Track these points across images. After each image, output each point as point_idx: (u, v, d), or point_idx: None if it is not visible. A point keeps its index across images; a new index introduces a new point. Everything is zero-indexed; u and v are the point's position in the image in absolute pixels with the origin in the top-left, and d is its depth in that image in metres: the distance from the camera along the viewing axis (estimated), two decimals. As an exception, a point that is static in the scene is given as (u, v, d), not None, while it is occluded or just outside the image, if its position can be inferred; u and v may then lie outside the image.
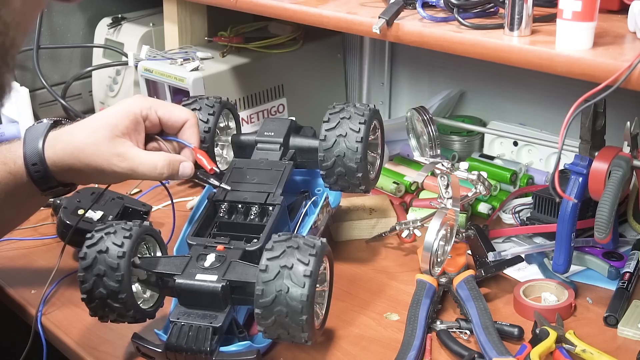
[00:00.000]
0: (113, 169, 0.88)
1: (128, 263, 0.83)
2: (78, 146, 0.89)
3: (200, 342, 0.81)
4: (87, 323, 0.96)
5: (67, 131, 0.91)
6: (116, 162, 0.88)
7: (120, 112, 0.91)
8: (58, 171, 0.90)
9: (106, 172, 0.89)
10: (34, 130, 0.91)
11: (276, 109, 1.40)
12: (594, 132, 0.95)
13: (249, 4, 1.06)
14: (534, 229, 1.11)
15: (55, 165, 0.89)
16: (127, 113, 0.90)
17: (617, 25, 0.81)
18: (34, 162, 0.88)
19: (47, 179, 0.90)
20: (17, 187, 0.90)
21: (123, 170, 0.89)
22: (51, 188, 0.92)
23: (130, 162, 0.88)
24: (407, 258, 1.10)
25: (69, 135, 0.90)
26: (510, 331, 0.90)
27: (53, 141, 0.90)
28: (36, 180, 0.90)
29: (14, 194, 0.91)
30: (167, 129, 0.95)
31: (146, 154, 0.90)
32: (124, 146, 0.89)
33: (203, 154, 0.94)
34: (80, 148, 0.89)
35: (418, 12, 0.88)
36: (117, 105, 0.93)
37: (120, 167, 0.88)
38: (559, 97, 1.24)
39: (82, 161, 0.89)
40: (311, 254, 0.80)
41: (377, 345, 0.91)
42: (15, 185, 0.90)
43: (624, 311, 0.94)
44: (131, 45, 1.46)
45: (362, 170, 0.96)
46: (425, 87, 1.47)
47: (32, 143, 0.89)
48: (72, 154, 0.89)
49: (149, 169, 0.89)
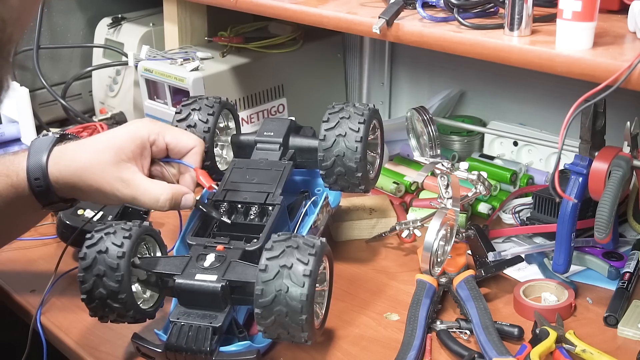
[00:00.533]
0: (115, 193, 0.88)
1: (128, 263, 0.83)
2: (82, 166, 0.88)
3: (200, 342, 0.81)
4: (87, 323, 0.96)
5: (72, 149, 0.90)
6: (119, 188, 0.87)
7: (127, 135, 0.89)
8: (60, 188, 0.89)
9: (108, 195, 0.88)
10: (38, 143, 0.90)
11: (276, 109, 1.40)
12: (594, 132, 0.95)
13: (249, 4, 1.06)
14: (534, 229, 1.11)
15: (58, 182, 0.88)
16: (134, 137, 0.89)
17: (617, 25, 0.81)
18: (36, 176, 0.88)
19: (48, 194, 0.89)
20: (17, 199, 0.89)
21: (125, 196, 0.88)
22: (52, 203, 0.91)
23: (133, 190, 0.87)
24: (407, 258, 1.10)
25: (73, 153, 0.89)
26: (510, 331, 0.90)
27: (57, 157, 0.89)
28: (37, 195, 0.89)
29: (14, 207, 0.90)
30: (174, 155, 0.94)
31: (150, 184, 0.88)
32: (128, 172, 0.88)
33: (203, 174, 0.93)
34: (84, 168, 0.87)
35: (418, 12, 0.88)
36: (125, 126, 0.92)
37: (123, 193, 0.87)
38: (559, 97, 1.24)
39: (85, 181, 0.88)
40: (311, 253, 0.80)
41: (377, 345, 0.91)
42: (16, 198, 0.89)
43: (624, 311, 0.94)
44: (131, 45, 1.46)
45: (362, 170, 0.96)
46: (425, 87, 1.47)
47: (36, 157, 0.88)
48: (75, 173, 0.88)
49: (151, 201, 0.88)
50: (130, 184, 0.87)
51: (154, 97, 1.36)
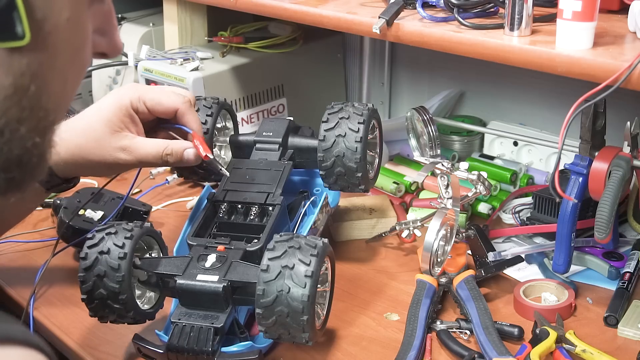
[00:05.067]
0: (118, 163, 0.90)
1: (129, 264, 0.83)
2: (79, 145, 0.89)
3: (202, 343, 0.81)
4: (87, 323, 0.96)
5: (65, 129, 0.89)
6: (121, 156, 0.89)
7: (113, 105, 0.91)
8: (62, 169, 0.90)
9: (111, 166, 0.91)
10: None
11: (276, 109, 1.40)
12: (594, 132, 0.95)
13: (249, 4, 1.06)
14: (534, 229, 1.11)
15: (58, 164, 0.90)
16: (119, 106, 0.91)
17: (617, 25, 0.81)
18: None
19: (50, 177, 0.91)
20: None
21: (128, 162, 0.90)
22: (55, 185, 0.93)
23: (136, 154, 0.90)
24: (407, 258, 1.10)
25: (67, 133, 0.89)
26: (510, 331, 0.90)
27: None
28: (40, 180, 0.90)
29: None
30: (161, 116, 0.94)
31: (150, 143, 0.91)
32: (126, 139, 0.90)
33: (200, 140, 0.93)
34: (81, 147, 0.89)
35: (418, 12, 0.88)
36: (108, 96, 0.93)
37: (126, 160, 0.90)
38: (559, 97, 1.24)
39: (87, 158, 0.89)
40: (312, 254, 0.80)
41: (377, 345, 0.91)
42: None
43: (624, 311, 0.94)
44: (131, 45, 1.46)
45: (362, 170, 0.96)
46: (425, 87, 1.47)
47: None
48: (74, 153, 0.89)
49: (155, 159, 0.90)
50: (132, 148, 0.89)
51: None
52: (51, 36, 0.46)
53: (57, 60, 0.47)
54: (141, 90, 0.93)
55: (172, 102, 0.94)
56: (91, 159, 0.89)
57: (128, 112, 0.91)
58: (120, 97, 0.92)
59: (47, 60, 0.46)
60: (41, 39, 0.45)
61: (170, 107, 0.93)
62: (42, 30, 0.45)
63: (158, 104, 0.93)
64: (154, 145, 0.91)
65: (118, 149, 0.89)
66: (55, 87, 0.48)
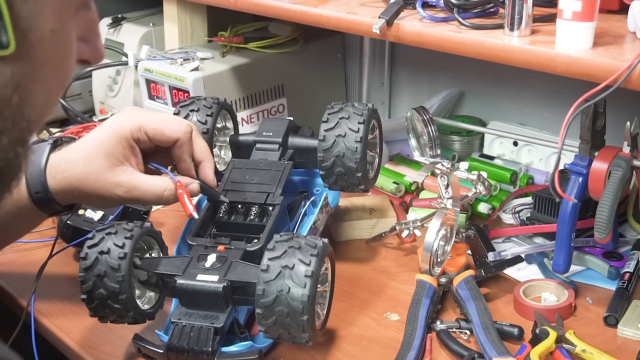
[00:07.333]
0: (115, 198, 0.87)
1: (129, 264, 0.83)
2: (79, 178, 0.87)
3: (202, 343, 0.81)
4: (87, 323, 0.96)
5: (66, 159, 0.89)
6: (119, 193, 0.87)
7: (113, 137, 0.88)
8: (61, 198, 0.89)
9: (108, 201, 0.88)
10: (34, 155, 0.89)
11: (276, 109, 1.40)
12: (594, 132, 0.95)
13: (249, 4, 1.06)
14: (534, 229, 1.11)
15: (58, 193, 0.88)
16: (119, 138, 0.88)
17: (617, 25, 0.81)
18: (37, 190, 0.87)
19: (50, 204, 0.89)
20: (19, 211, 0.89)
21: (126, 199, 0.88)
22: (57, 212, 0.91)
23: (134, 192, 0.87)
24: (407, 258, 1.10)
25: (67, 164, 0.88)
26: (510, 331, 0.90)
27: (54, 169, 0.88)
28: (40, 206, 0.89)
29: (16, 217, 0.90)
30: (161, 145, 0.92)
31: (151, 181, 0.88)
32: (124, 174, 0.87)
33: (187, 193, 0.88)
34: (80, 179, 0.87)
35: (418, 12, 0.88)
36: (107, 125, 0.90)
37: (123, 197, 0.87)
38: (559, 97, 1.24)
39: (84, 191, 0.87)
40: (312, 254, 0.80)
41: (377, 345, 0.91)
42: (18, 210, 0.89)
43: (624, 311, 0.94)
44: (131, 45, 1.46)
45: (362, 170, 0.96)
46: (425, 87, 1.47)
47: (34, 169, 0.88)
48: (73, 184, 0.87)
49: (155, 198, 0.88)
50: (130, 186, 0.87)
51: (155, 96, 1.36)
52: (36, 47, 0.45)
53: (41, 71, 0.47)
54: (141, 120, 0.90)
55: (174, 133, 0.91)
56: (89, 192, 0.87)
57: (129, 143, 0.88)
58: (121, 128, 0.89)
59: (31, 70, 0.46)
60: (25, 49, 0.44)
61: (172, 137, 0.91)
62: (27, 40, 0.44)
63: (160, 134, 0.90)
64: (156, 183, 0.88)
65: (116, 185, 0.86)
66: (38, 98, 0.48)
